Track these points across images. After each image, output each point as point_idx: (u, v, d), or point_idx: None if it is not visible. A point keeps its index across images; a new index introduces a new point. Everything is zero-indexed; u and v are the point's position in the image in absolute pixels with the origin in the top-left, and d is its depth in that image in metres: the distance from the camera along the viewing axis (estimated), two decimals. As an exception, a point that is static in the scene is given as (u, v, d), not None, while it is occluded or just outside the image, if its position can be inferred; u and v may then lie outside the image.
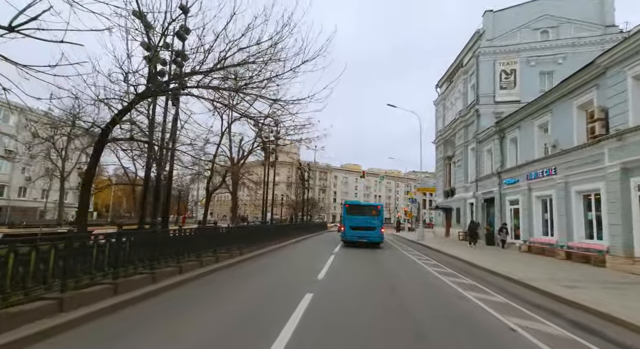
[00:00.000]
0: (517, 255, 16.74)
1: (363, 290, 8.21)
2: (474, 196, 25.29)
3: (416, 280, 9.88)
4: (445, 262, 14.11)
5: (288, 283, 8.86)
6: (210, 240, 11.28)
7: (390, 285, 8.94)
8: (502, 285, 9.62)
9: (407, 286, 9.01)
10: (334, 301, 6.88)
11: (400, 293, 8.05)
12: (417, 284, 9.32)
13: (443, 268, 12.41)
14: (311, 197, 61.93)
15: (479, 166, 25.23)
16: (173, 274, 8.19)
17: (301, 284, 8.53)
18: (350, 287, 8.56)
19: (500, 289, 8.95)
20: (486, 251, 18.62)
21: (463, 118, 28.33)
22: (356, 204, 22.43)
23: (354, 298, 7.23)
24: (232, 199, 31.92)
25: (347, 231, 21.08)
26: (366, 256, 15.41)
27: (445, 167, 34.72)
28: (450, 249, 18.79)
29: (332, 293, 7.68)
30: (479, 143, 25.15)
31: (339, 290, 8.00)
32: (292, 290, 7.73)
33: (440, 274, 10.86)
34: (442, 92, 35.52)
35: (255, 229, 17.44)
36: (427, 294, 8.15)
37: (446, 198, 33.60)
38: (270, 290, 7.91)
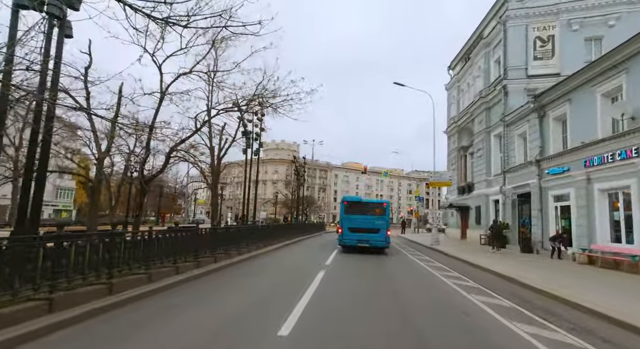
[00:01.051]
0: (576, 268, 12.21)
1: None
2: (501, 192, 20.73)
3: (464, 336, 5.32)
4: (489, 284, 9.55)
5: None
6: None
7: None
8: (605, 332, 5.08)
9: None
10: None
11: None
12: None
13: (500, 298, 7.83)
14: (309, 195, 57.44)
15: (506, 154, 20.66)
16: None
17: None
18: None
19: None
20: (529, 262, 14.07)
21: (484, 99, 23.79)
22: (357, 201, 17.90)
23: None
24: (212, 196, 27.48)
25: (345, 234, 16.62)
26: (371, 273, 10.86)
27: (459, 159, 30.16)
28: (478, 258, 14.25)
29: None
30: (507, 127, 20.59)
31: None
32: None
33: (505, 318, 6.25)
34: (456, 74, 30.97)
35: (223, 233, 13.09)
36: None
37: (461, 195, 29.06)
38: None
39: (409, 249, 20.06)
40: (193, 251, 9.51)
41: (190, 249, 9.35)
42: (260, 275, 9.66)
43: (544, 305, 7.10)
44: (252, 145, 22.08)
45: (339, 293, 7.71)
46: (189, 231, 10.49)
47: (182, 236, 9.13)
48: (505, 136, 20.79)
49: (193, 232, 10.23)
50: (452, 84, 32.22)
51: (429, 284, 9.08)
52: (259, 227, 17.77)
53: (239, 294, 7.23)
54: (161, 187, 40.62)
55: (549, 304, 7.18)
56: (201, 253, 10.06)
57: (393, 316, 5.93)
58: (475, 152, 25.66)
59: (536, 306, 6.96)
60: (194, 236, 9.92)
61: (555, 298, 7.60)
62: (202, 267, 9.67)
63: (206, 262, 9.99)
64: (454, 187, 30.87)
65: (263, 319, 5.45)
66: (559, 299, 7.47)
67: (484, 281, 9.75)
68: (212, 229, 12.35)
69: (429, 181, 23.18)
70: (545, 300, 7.59)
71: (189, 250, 9.36)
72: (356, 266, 12.07)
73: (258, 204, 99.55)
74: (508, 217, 20.14)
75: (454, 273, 11.21)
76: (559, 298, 7.51)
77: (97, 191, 14.72)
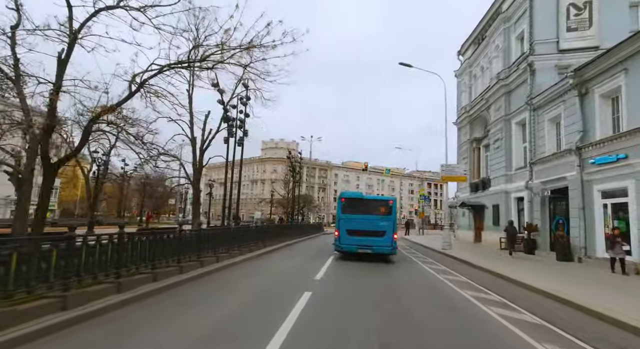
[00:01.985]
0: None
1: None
2: (527, 188, 17.62)
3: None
4: (559, 320, 6.45)
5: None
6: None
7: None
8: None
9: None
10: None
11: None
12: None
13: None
14: (307, 194, 54.39)
15: (533, 143, 17.57)
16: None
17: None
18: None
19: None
20: (586, 277, 10.98)
21: (503, 81, 20.69)
22: (357, 198, 14.76)
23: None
24: (194, 193, 24.42)
25: (342, 237, 13.60)
26: (374, 294, 7.70)
27: (471, 153, 27.06)
28: (509, 269, 11.13)
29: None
30: (534, 111, 17.50)
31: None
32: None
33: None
34: (467, 58, 27.85)
35: (194, 237, 10.11)
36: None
37: (474, 192, 25.96)
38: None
39: (418, 255, 16.98)
40: (150, 260, 7.37)
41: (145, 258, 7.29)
42: (217, 301, 6.58)
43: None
44: (236, 134, 19.04)
45: (328, 340, 4.63)
46: (141, 234, 7.63)
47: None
48: (531, 122, 17.69)
49: (148, 237, 7.43)
50: (462, 70, 29.12)
51: (468, 321, 5.97)
52: (245, 230, 14.75)
53: (169, 334, 4.18)
54: (144, 185, 37.57)
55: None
56: (161, 262, 7.71)
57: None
58: (492, 144, 22.55)
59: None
60: (154, 242, 7.47)
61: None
62: (160, 281, 7.22)
63: (167, 273, 7.66)
64: (465, 184, 27.76)
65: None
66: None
67: (545, 311, 6.64)
68: (179, 232, 9.44)
69: (441, 176, 20.12)
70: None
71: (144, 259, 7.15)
72: (355, 283, 8.99)
73: (253, 203, 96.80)
74: (536, 217, 17.04)
75: (492, 295, 8.08)
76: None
77: (28, 183, 11.63)
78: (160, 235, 8.05)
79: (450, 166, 20.47)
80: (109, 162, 37.57)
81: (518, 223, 19.41)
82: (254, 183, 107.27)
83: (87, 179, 28.33)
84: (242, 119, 18.62)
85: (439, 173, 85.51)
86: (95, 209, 37.38)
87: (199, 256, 10.12)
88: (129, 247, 6.73)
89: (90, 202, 23.27)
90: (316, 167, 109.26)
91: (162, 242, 7.94)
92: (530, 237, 16.86)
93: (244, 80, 19.53)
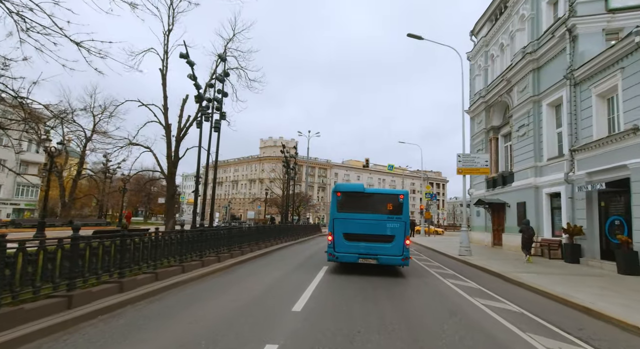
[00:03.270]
0: None
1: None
2: (567, 180, 14.31)
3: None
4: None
5: None
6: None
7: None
8: None
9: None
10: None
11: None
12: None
13: None
14: (303, 192, 51.14)
15: (575, 126, 14.27)
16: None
17: None
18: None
19: None
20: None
21: (532, 56, 17.38)
22: (357, 192, 11.26)
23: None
24: (168, 189, 21.13)
25: (338, 243, 10.39)
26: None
27: (487, 144, 23.77)
28: (573, 289, 7.83)
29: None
30: (577, 86, 14.20)
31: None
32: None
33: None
34: (483, 36, 24.51)
35: (150, 243, 7.00)
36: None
37: (491, 189, 22.67)
38: None
39: (432, 263, 13.71)
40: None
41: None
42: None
43: None
44: (213, 118, 15.75)
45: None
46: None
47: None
48: (571, 101, 14.38)
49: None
50: (476, 51, 25.81)
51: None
52: (215, 234, 11.47)
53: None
54: (124, 182, 34.28)
55: None
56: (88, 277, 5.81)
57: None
58: (516, 131, 19.24)
59: None
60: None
61: None
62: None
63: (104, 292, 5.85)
64: (480, 180, 24.49)
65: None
66: None
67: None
68: (124, 236, 6.36)
69: (458, 168, 16.82)
70: None
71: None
72: (356, 320, 5.65)
73: (245, 202, 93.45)
74: (579, 217, 13.74)
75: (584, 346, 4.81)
76: None
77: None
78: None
79: (469, 157, 17.18)
80: (84, 158, 34.46)
81: (552, 224, 16.16)
82: (252, 182, 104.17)
83: (47, 174, 24.93)
84: (218, 99, 15.33)
85: (441, 173, 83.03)
86: (70, 209, 34.20)
87: (155, 267, 7.58)
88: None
89: (43, 202, 19.97)
90: (315, 167, 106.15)
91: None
92: (572, 241, 13.57)
93: (222, 54, 16.35)
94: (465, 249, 16.16)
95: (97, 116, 31.65)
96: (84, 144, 32.47)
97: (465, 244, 16.26)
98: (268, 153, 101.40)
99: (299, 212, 43.88)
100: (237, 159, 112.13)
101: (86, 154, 34.41)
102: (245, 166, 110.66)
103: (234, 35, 19.82)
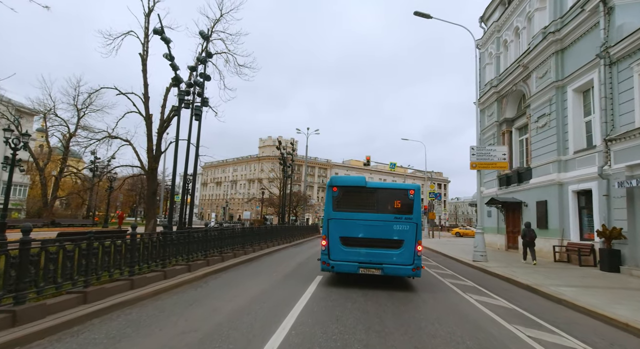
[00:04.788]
0: None
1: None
2: (602, 176, 12.32)
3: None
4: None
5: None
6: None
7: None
8: None
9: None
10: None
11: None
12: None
13: None
14: (304, 192, 49.14)
15: (610, 112, 12.30)
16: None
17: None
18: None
19: None
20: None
21: (555, 36, 15.42)
22: (357, 186, 9.16)
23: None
24: (148, 186, 19.18)
25: (334, 249, 8.49)
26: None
27: (500, 138, 21.81)
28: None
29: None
30: (613, 66, 12.23)
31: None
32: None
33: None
34: (495, 21, 22.52)
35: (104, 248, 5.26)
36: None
37: (505, 187, 20.72)
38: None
39: (445, 271, 11.77)
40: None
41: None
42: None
43: None
44: (193, 104, 13.77)
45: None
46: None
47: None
48: (606, 83, 12.40)
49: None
50: (487, 38, 23.84)
51: None
52: (192, 237, 9.51)
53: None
54: (111, 181, 32.33)
55: None
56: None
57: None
58: (535, 122, 17.26)
59: None
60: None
61: None
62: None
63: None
64: (492, 177, 22.53)
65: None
66: None
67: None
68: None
69: (471, 161, 14.88)
70: None
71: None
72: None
73: (241, 202, 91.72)
74: (617, 217, 11.76)
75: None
76: None
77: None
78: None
79: (484, 149, 15.21)
80: (67, 154, 32.49)
81: (580, 226, 14.18)
82: (251, 182, 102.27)
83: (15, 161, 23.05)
84: (200, 83, 13.38)
85: (442, 173, 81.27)
86: (51, 208, 32.25)
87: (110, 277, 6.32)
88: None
89: (5, 200, 18.03)
90: (315, 166, 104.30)
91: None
92: (609, 246, 11.59)
93: (205, 32, 14.45)
94: (481, 255, 14.22)
95: (81, 110, 29.78)
96: (67, 140, 30.57)
97: (481, 249, 14.31)
98: (267, 153, 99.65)
99: (296, 212, 41.85)
100: (235, 158, 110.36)
101: (76, 152, 32.56)
102: (244, 166, 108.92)
103: (222, 15, 17.97)
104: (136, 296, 6.23)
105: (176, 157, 13.02)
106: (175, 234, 8.85)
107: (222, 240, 11.73)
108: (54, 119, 29.62)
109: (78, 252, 5.50)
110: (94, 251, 5.82)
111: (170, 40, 12.84)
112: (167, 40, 12.73)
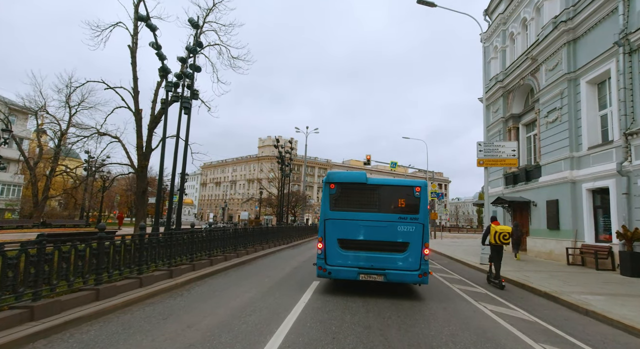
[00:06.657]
0: None
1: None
2: (621, 173, 11.44)
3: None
4: None
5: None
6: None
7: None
8: None
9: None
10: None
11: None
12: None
13: None
14: (303, 191, 48.27)
15: (631, 104, 11.42)
16: None
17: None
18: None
19: None
20: None
21: (567, 25, 14.54)
22: (357, 182, 8.27)
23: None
24: (138, 185, 18.25)
25: (331, 253, 7.59)
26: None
27: (506, 135, 20.94)
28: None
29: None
30: (633, 53, 11.36)
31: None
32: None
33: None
34: (501, 13, 21.65)
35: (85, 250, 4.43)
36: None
37: (512, 186, 19.83)
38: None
39: (452, 276, 10.90)
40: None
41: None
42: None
43: None
44: (183, 94, 12.89)
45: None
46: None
47: None
48: (625, 73, 11.52)
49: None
50: (492, 31, 22.96)
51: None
52: (176, 239, 8.64)
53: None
54: (104, 180, 31.42)
55: None
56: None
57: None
58: (544, 118, 16.38)
59: None
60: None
61: None
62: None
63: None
64: (497, 176, 21.64)
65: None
66: None
67: None
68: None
69: (478, 158, 14.01)
70: None
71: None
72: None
73: (240, 203, 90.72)
74: (639, 217, 10.88)
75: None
76: None
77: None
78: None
79: (491, 145, 14.33)
80: (59, 153, 31.57)
81: (595, 227, 13.29)
82: (250, 182, 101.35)
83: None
84: (188, 74, 12.50)
85: (442, 173, 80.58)
86: (42, 208, 31.36)
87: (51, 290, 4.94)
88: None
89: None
90: (315, 166, 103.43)
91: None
92: (631, 249, 10.70)
93: (194, 20, 13.55)
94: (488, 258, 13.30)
95: (73, 108, 28.88)
96: (59, 138, 29.67)
97: (488, 251, 13.38)
98: (267, 152, 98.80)
99: (295, 212, 40.95)
100: (235, 158, 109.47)
101: (74, 152, 31.71)
102: (243, 166, 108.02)
103: (214, 4, 17.10)
104: (99, 310, 5.33)
105: (163, 153, 12.15)
106: (155, 236, 7.95)
107: (211, 242, 10.84)
108: (45, 116, 28.73)
109: (25, 258, 4.61)
110: (47, 257, 4.94)
111: (156, 28, 11.99)
112: (153, 27, 11.86)
